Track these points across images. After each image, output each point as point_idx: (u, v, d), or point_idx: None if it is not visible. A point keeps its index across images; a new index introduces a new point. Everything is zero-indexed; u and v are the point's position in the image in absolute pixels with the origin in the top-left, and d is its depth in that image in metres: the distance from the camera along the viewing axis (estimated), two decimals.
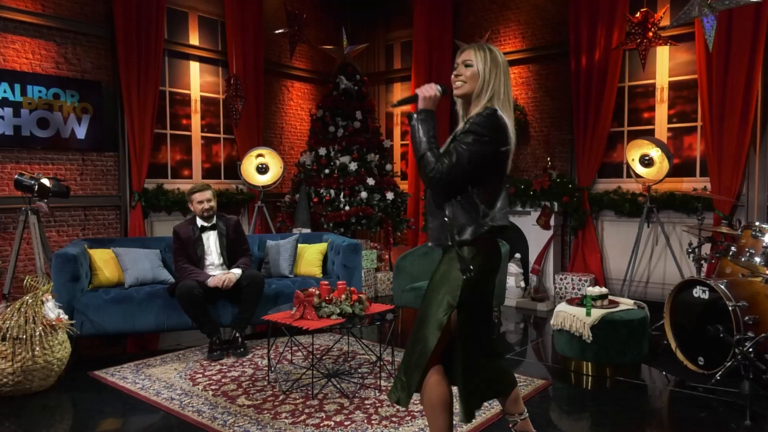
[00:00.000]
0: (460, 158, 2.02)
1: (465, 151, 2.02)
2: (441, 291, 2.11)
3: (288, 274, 4.79)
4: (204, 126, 6.78)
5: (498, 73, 2.12)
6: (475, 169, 2.05)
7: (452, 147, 2.06)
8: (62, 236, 5.52)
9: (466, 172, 2.04)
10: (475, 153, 2.03)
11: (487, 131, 2.04)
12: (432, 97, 2.14)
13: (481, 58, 2.12)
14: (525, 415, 2.37)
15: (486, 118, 2.05)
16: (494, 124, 2.05)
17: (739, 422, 2.94)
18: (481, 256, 2.10)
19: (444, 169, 2.02)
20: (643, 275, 5.88)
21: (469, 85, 2.14)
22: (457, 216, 2.09)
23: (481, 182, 2.09)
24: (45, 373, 3.40)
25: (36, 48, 5.32)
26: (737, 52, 5.11)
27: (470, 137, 2.04)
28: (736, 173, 5.21)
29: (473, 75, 2.13)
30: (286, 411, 3.08)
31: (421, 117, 2.12)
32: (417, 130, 2.10)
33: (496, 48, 2.18)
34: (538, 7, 6.59)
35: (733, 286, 3.60)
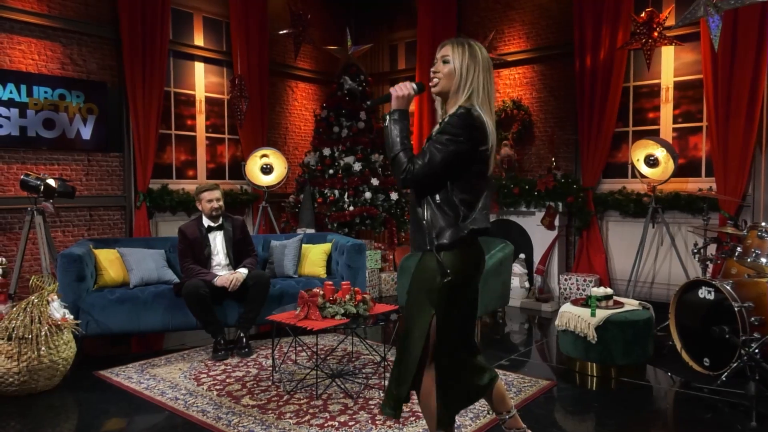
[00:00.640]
0: (432, 159, 1.98)
1: (438, 152, 1.98)
2: (421, 297, 2.09)
3: (292, 274, 4.80)
4: (209, 126, 6.79)
5: (477, 69, 2.06)
6: (450, 170, 2.01)
7: (426, 147, 2.03)
8: (68, 236, 5.54)
9: (440, 173, 2.00)
10: (449, 153, 1.98)
11: (462, 131, 1.99)
12: (405, 96, 2.09)
13: (458, 54, 2.06)
14: (513, 412, 2.35)
15: (460, 117, 2.00)
16: (469, 124, 2.00)
17: (745, 423, 2.92)
18: (461, 260, 2.06)
19: (416, 170, 1.99)
20: (648, 276, 5.86)
21: (445, 81, 2.09)
22: (435, 219, 2.05)
23: (459, 183, 2.04)
24: (50, 373, 3.41)
25: (42, 49, 5.35)
26: (743, 52, 5.09)
27: (444, 137, 1.99)
28: (741, 173, 5.19)
29: (450, 72, 2.07)
30: (291, 411, 3.08)
31: (394, 117, 2.08)
32: (390, 131, 2.06)
33: (477, 43, 2.12)
34: (542, 7, 6.58)
35: (739, 287, 3.58)
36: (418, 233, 2.11)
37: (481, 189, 2.10)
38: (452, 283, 2.04)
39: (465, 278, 2.10)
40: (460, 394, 2.22)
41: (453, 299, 2.08)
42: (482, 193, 2.10)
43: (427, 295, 2.08)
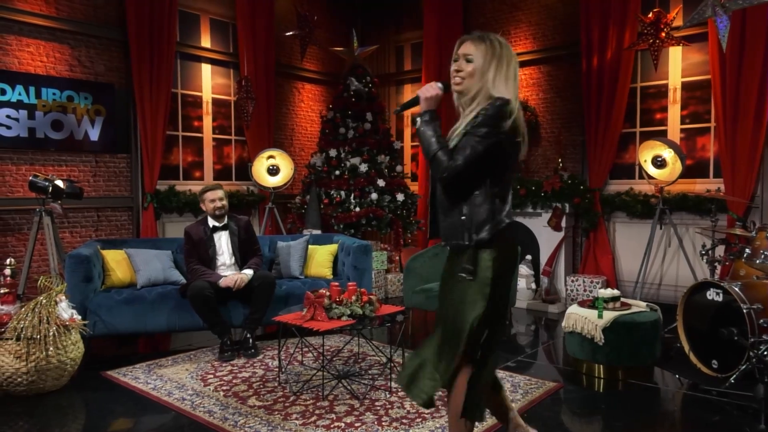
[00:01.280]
0: (474, 152, 1.97)
1: (479, 144, 1.97)
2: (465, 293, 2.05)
3: (298, 275, 4.80)
4: (215, 128, 6.81)
5: (501, 64, 2.05)
6: (490, 163, 2.01)
7: (465, 141, 2.00)
8: (75, 237, 5.57)
9: (481, 166, 2.00)
10: (490, 145, 1.97)
11: (501, 122, 1.97)
12: (433, 96, 2.11)
13: (482, 53, 2.05)
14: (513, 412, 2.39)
15: (498, 109, 1.98)
16: (506, 115, 1.98)
17: (754, 426, 2.90)
18: (500, 254, 2.05)
19: (459, 165, 1.98)
20: (656, 277, 5.83)
21: (469, 80, 2.08)
22: (474, 214, 2.04)
23: (493, 177, 2.03)
24: (58, 373, 3.43)
25: (50, 51, 5.38)
26: (751, 53, 5.06)
27: (483, 130, 1.97)
28: (750, 174, 5.16)
29: (474, 70, 2.06)
30: (297, 412, 3.09)
31: (425, 118, 2.09)
32: (424, 132, 2.07)
33: (497, 36, 2.10)
34: (549, 7, 6.57)
35: (748, 289, 3.56)
36: (455, 229, 2.07)
37: (510, 182, 2.11)
38: (493, 277, 2.02)
39: (504, 272, 2.08)
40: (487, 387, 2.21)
41: (493, 294, 2.04)
42: (510, 186, 2.11)
43: (472, 291, 2.04)
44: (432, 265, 4.94)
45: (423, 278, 4.81)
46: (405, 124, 8.21)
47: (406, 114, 8.16)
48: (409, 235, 6.96)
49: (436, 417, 3.00)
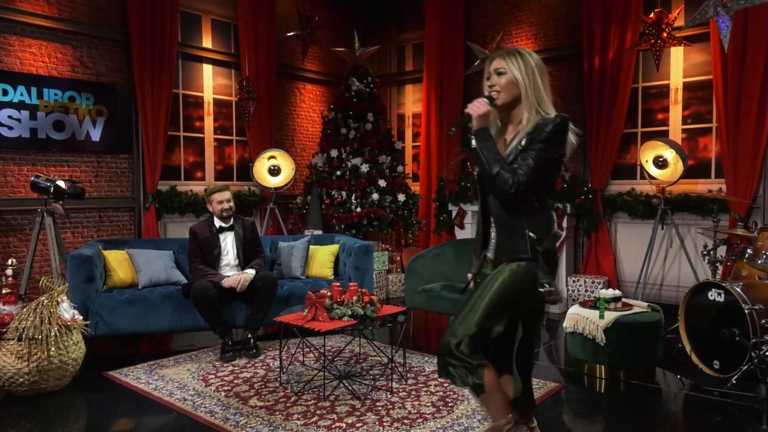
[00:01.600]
0: (538, 167, 2.06)
1: (543, 159, 2.06)
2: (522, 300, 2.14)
3: (300, 275, 4.80)
4: (217, 128, 6.82)
5: (536, 74, 2.14)
6: (549, 176, 2.14)
7: (527, 156, 2.07)
8: (77, 237, 5.58)
9: (542, 179, 2.10)
10: (552, 160, 2.10)
11: (561, 137, 2.10)
12: (485, 114, 2.14)
13: (515, 65, 2.14)
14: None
15: (559, 125, 2.09)
16: (565, 130, 2.11)
17: (756, 427, 2.90)
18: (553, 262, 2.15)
19: (524, 181, 2.04)
20: (658, 278, 5.83)
21: (505, 93, 2.16)
22: (536, 226, 2.11)
23: (547, 188, 2.15)
24: (60, 373, 3.43)
25: (52, 51, 5.39)
26: (753, 53, 5.06)
27: (545, 145, 2.07)
28: (752, 175, 5.15)
29: (509, 83, 2.14)
30: (298, 412, 3.09)
31: (480, 135, 2.13)
32: (481, 150, 2.11)
33: (525, 50, 2.20)
34: (550, 7, 6.56)
35: (749, 289, 3.55)
36: (515, 240, 2.12)
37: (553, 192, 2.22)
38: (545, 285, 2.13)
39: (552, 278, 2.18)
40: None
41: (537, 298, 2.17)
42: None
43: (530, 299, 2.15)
44: (433, 265, 4.94)
45: (424, 279, 4.81)
46: (406, 125, 8.21)
47: (407, 114, 8.17)
48: (410, 235, 6.96)
49: (437, 417, 3.00)
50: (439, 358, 2.13)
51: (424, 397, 3.28)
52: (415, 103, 8.04)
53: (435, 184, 7.10)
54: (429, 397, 3.29)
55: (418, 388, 3.44)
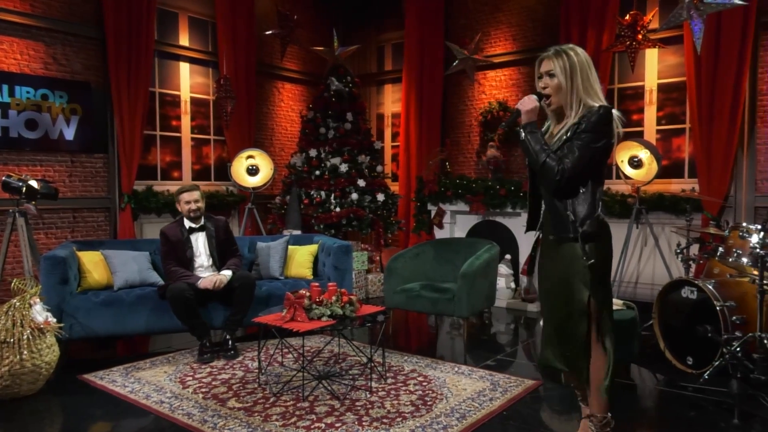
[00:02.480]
0: (583, 156, 2.23)
1: (587, 149, 2.24)
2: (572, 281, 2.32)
3: (278, 275, 4.78)
4: (194, 127, 6.75)
5: (577, 72, 2.29)
6: (595, 164, 2.28)
7: (572, 146, 2.25)
8: (51, 238, 5.48)
9: (587, 168, 2.26)
10: (597, 150, 2.25)
11: (606, 127, 2.26)
12: (533, 109, 2.34)
13: (560, 67, 2.30)
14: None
15: (603, 116, 2.25)
16: (607, 120, 2.26)
17: (728, 421, 2.96)
18: (603, 243, 2.33)
19: (569, 169, 2.24)
20: (633, 276, 5.92)
21: (557, 94, 2.34)
22: (579, 210, 2.29)
23: (594, 175, 2.30)
24: (33, 377, 3.37)
25: (24, 48, 5.28)
26: (725, 55, 5.16)
27: (590, 135, 2.23)
28: (724, 175, 5.26)
29: (558, 85, 2.32)
30: (277, 413, 3.07)
31: (528, 129, 2.34)
32: (529, 143, 2.33)
33: (573, 48, 2.34)
34: (528, 9, 6.62)
35: (721, 287, 3.63)
36: (562, 224, 2.34)
37: (603, 179, 2.38)
38: (598, 264, 2.29)
39: (607, 258, 2.38)
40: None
41: (601, 278, 2.34)
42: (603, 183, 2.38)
43: (579, 278, 2.30)
44: (412, 265, 4.95)
45: (404, 278, 4.82)
46: (386, 125, 8.22)
47: (387, 114, 8.18)
48: (389, 235, 6.97)
49: (416, 416, 3.01)
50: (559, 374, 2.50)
51: (403, 397, 3.29)
52: (395, 103, 8.05)
53: (414, 183, 7.12)
54: (408, 396, 3.29)
55: (398, 387, 3.45)
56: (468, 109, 7.22)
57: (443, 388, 3.43)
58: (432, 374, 3.69)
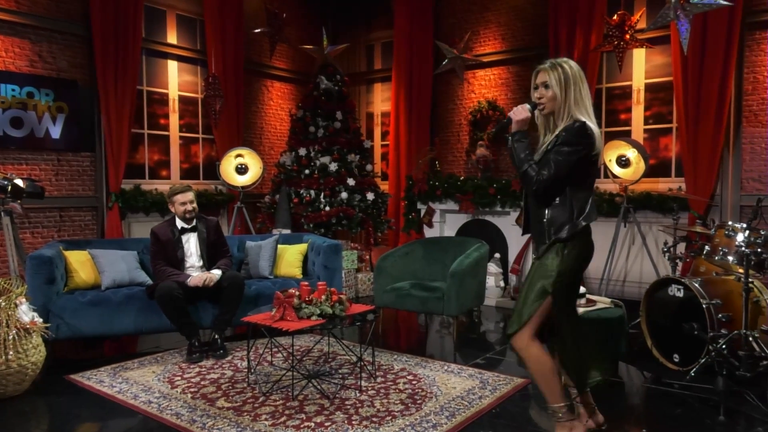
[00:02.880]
0: (558, 168, 2.36)
1: (562, 162, 2.36)
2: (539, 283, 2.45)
3: (268, 275, 4.76)
4: (182, 126, 6.71)
5: (571, 85, 2.42)
6: (571, 175, 2.39)
7: (550, 158, 2.38)
8: (37, 238, 5.42)
9: (564, 178, 2.38)
10: (571, 162, 2.36)
11: (581, 140, 2.37)
12: (524, 119, 2.48)
13: (555, 79, 2.43)
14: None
15: (578, 130, 2.37)
16: (584, 133, 2.37)
17: (714, 418, 3.00)
18: (576, 250, 2.44)
19: (545, 179, 2.38)
20: (620, 274, 5.96)
21: (551, 104, 2.47)
22: (556, 217, 2.43)
23: (574, 185, 2.41)
24: (19, 378, 3.33)
25: (9, 46, 5.22)
26: (711, 56, 5.21)
27: (566, 148, 2.36)
28: (710, 174, 5.31)
29: (554, 95, 2.44)
30: (266, 413, 3.07)
31: (516, 138, 2.48)
32: (515, 150, 2.47)
33: (567, 61, 2.47)
34: (517, 9, 6.65)
35: (707, 285, 3.67)
36: (539, 228, 2.50)
37: (590, 187, 2.49)
38: (566, 271, 2.42)
39: (575, 269, 2.48)
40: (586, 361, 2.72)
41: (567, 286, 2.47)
42: (592, 191, 2.49)
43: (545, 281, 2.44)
44: (402, 264, 4.95)
45: (393, 277, 4.82)
46: (375, 123, 8.22)
47: (376, 113, 8.18)
48: (379, 234, 6.97)
49: (406, 415, 3.01)
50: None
51: (393, 395, 3.30)
52: (384, 102, 8.05)
53: (404, 182, 7.12)
54: (398, 395, 3.30)
55: (387, 386, 3.45)
56: (457, 108, 7.23)
57: (433, 387, 3.44)
58: (421, 373, 3.70)
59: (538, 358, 2.48)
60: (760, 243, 3.32)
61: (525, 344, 2.48)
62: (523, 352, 2.49)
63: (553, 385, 2.49)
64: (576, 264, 2.47)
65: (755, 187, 5.29)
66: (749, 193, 5.28)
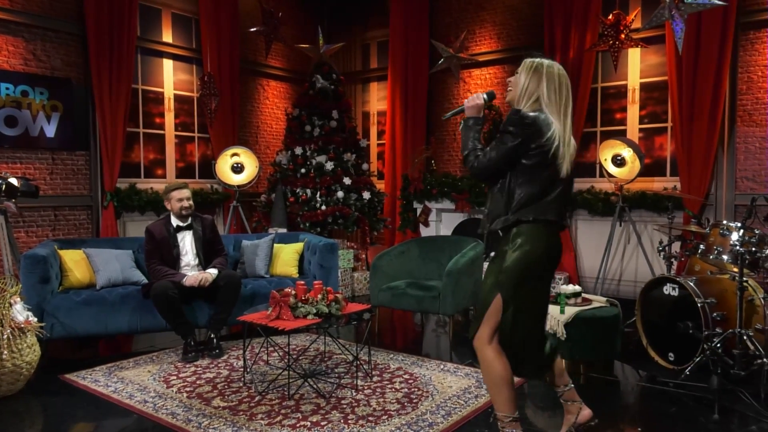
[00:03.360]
0: (490, 154, 2.32)
1: (495, 148, 2.32)
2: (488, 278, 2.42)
3: (264, 274, 4.76)
4: (178, 125, 6.69)
5: (539, 79, 2.36)
6: (507, 163, 2.32)
7: (491, 145, 2.35)
8: (31, 237, 5.40)
9: (499, 165, 2.32)
10: (505, 150, 2.30)
11: (513, 127, 2.29)
12: (476, 105, 2.46)
13: (525, 69, 2.41)
14: (570, 386, 2.60)
15: (513, 116, 2.32)
16: (519, 122, 2.29)
17: (708, 416, 3.01)
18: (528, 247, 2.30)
19: (478, 165, 2.34)
20: (616, 273, 5.98)
21: (511, 92, 2.45)
22: (494, 206, 2.39)
23: (517, 174, 2.32)
24: (13, 377, 3.32)
25: (3, 44, 5.20)
26: (706, 55, 5.23)
27: (501, 135, 2.33)
28: (705, 173, 5.33)
29: (515, 82, 2.43)
30: (262, 412, 3.06)
31: (468, 123, 2.46)
32: (464, 135, 2.45)
33: (547, 59, 2.43)
34: (513, 8, 6.66)
35: (702, 284, 3.68)
36: (484, 218, 2.48)
37: (547, 182, 2.33)
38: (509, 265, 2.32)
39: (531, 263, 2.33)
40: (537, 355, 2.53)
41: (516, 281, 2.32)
42: (551, 187, 2.34)
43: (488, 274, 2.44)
44: (398, 263, 4.95)
45: (389, 276, 4.82)
46: (371, 122, 8.22)
47: (372, 112, 8.17)
48: (375, 233, 6.97)
49: (402, 414, 3.01)
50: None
51: (389, 394, 3.30)
52: (380, 101, 8.05)
53: (400, 181, 7.12)
54: (394, 394, 3.30)
55: (383, 385, 3.45)
56: (453, 107, 7.23)
57: (429, 386, 3.44)
58: (418, 372, 3.70)
59: (490, 362, 2.35)
60: (755, 242, 3.34)
61: (480, 345, 2.38)
62: (479, 352, 2.39)
63: (503, 394, 2.36)
64: (525, 261, 2.30)
65: (749, 186, 5.32)
66: (743, 192, 5.30)
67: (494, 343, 2.37)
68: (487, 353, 2.36)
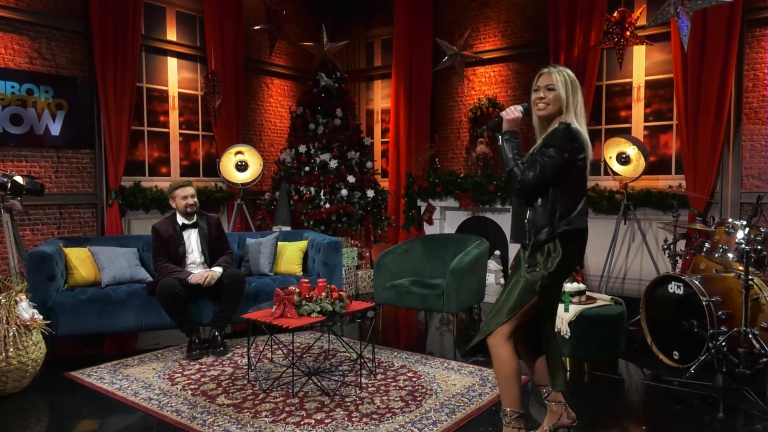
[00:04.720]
0: (543, 170, 2.34)
1: (547, 164, 2.34)
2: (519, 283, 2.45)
3: (268, 272, 4.77)
4: (182, 123, 6.70)
5: (575, 91, 2.43)
6: (556, 178, 2.37)
7: (535, 159, 2.36)
8: (37, 235, 5.42)
9: (548, 180, 2.36)
10: (556, 164, 2.34)
11: (565, 143, 2.35)
12: (515, 119, 2.47)
13: (561, 82, 2.42)
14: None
15: (563, 132, 2.36)
16: (570, 136, 2.36)
17: (713, 415, 3.00)
18: (559, 254, 2.39)
19: (529, 180, 2.36)
20: (620, 271, 5.97)
21: (552, 107, 2.44)
22: (536, 219, 2.41)
23: (559, 188, 2.39)
24: (19, 375, 3.34)
25: (8, 42, 5.21)
26: (712, 52, 5.20)
27: (551, 150, 2.35)
28: (710, 171, 5.31)
29: (556, 98, 2.43)
30: (267, 410, 3.07)
31: (506, 137, 2.45)
32: (503, 149, 2.45)
33: (566, 68, 2.49)
34: (517, 5, 6.64)
35: (707, 282, 3.67)
36: (520, 229, 2.49)
37: (579, 193, 2.45)
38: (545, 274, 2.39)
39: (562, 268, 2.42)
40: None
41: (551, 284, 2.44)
42: (581, 197, 2.45)
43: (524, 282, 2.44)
44: (402, 261, 4.95)
45: (393, 274, 4.82)
46: (375, 120, 8.21)
47: (376, 110, 8.17)
48: (379, 231, 6.97)
49: (406, 412, 3.02)
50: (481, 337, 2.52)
51: (393, 392, 3.30)
52: (384, 99, 8.04)
53: (404, 180, 7.12)
54: (398, 392, 3.30)
55: (387, 383, 3.46)
56: (457, 105, 7.22)
57: (433, 384, 3.44)
58: (421, 370, 3.70)
59: (507, 359, 2.43)
60: (760, 240, 3.32)
61: (499, 341, 2.44)
62: (495, 348, 2.44)
63: (514, 389, 2.45)
64: (560, 268, 2.42)
65: (755, 184, 5.29)
66: (749, 191, 5.28)
67: (512, 341, 2.46)
68: (506, 350, 2.43)
